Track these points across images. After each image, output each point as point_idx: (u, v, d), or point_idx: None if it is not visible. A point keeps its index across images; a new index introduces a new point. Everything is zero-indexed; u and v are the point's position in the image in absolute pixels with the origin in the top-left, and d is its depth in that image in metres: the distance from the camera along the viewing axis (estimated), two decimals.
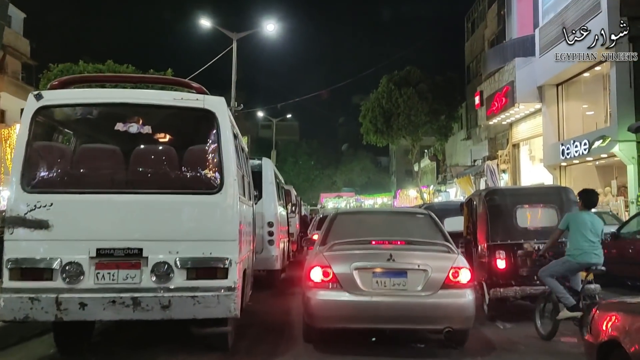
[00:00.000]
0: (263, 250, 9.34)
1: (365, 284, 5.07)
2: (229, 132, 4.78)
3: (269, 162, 9.97)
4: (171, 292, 4.48)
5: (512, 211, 7.09)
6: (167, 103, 4.78)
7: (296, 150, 59.09)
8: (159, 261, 4.50)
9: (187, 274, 4.54)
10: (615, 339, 3.24)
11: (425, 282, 5.05)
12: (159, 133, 4.99)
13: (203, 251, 4.56)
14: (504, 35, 25.99)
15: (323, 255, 5.32)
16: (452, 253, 5.36)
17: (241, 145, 6.52)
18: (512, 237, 6.91)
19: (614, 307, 3.59)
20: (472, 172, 28.62)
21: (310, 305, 5.19)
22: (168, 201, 4.63)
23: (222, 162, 4.66)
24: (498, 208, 7.14)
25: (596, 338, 3.52)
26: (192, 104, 4.72)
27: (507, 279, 6.78)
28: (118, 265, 4.48)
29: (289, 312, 7.46)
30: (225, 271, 4.58)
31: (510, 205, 7.14)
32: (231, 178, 4.68)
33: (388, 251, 5.24)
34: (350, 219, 6.76)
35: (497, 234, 6.97)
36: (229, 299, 4.55)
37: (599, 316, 3.61)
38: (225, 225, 4.66)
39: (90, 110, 4.91)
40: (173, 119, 5.03)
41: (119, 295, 4.42)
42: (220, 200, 4.65)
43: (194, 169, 4.77)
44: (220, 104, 4.83)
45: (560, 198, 7.22)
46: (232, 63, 22.61)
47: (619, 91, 15.59)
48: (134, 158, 4.78)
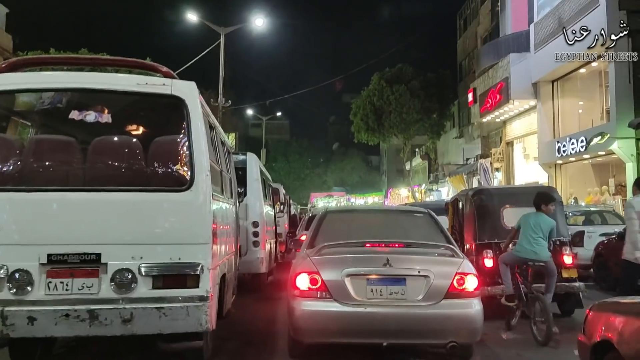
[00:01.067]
0: (247, 252, 8.74)
1: (359, 292, 4.49)
2: (201, 122, 4.16)
3: (254, 158, 9.34)
4: (134, 303, 3.87)
5: (498, 211, 7.20)
6: (129, 88, 4.13)
7: (286, 149, 58.62)
8: (120, 268, 3.89)
9: (153, 282, 3.93)
10: (609, 340, 3.22)
11: (427, 291, 4.47)
12: (120, 122, 4.36)
13: (171, 256, 3.96)
14: (497, 32, 25.57)
15: (310, 259, 4.72)
16: (457, 257, 4.78)
17: (221, 138, 5.91)
18: (499, 236, 6.96)
19: (606, 308, 3.57)
20: (464, 171, 28.24)
21: (296, 316, 4.60)
22: (131, 200, 4.00)
23: (193, 155, 4.05)
24: (485, 208, 7.27)
25: (589, 339, 3.50)
26: (157, 89, 4.09)
27: (494, 277, 6.64)
28: (72, 273, 3.87)
29: (275, 320, 6.86)
30: (197, 279, 3.97)
31: (496, 205, 7.26)
32: (203, 173, 4.07)
33: (384, 255, 4.64)
34: (342, 218, 6.14)
35: (484, 233, 7.08)
36: (200, 311, 3.94)
37: (592, 317, 3.60)
38: (196, 227, 4.05)
39: (41, 97, 4.26)
40: (136, 107, 4.39)
41: (73, 308, 3.80)
42: (190, 199, 4.03)
43: (161, 164, 4.15)
44: (190, 89, 4.20)
45: None
46: (220, 59, 21.97)
47: (617, 87, 15.16)
48: (91, 151, 4.15)
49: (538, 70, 19.22)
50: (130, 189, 4.03)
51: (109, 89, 4.17)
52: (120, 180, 4.08)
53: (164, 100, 4.16)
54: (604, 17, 14.99)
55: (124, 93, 4.14)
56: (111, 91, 4.17)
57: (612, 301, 3.80)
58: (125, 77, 4.21)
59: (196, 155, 4.06)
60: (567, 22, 16.78)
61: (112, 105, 4.25)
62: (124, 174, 4.13)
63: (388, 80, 31.08)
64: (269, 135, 53.18)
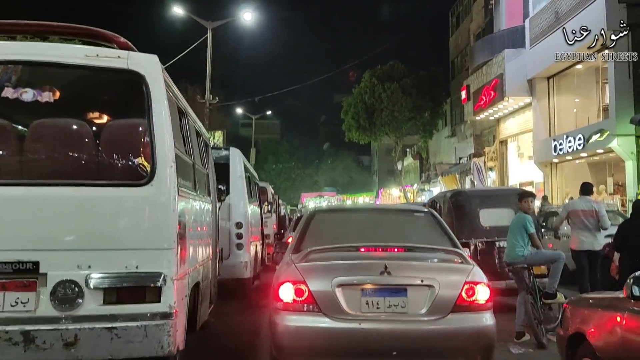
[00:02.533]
0: (230, 255, 8.06)
1: (352, 305, 3.84)
2: (164, 103, 3.47)
3: (237, 153, 8.64)
4: (79, 322, 3.19)
5: (475, 211, 7.69)
6: (76, 61, 3.41)
7: (277, 149, 58.01)
8: (63, 279, 3.21)
9: (103, 296, 3.26)
10: (581, 332, 3.52)
11: (432, 303, 3.83)
12: (66, 103, 3.65)
13: (126, 264, 3.28)
14: (491, 28, 25.11)
15: (295, 266, 4.05)
16: (466, 263, 4.13)
17: (196, 128, 5.22)
18: (475, 235, 7.46)
19: (580, 303, 4.01)
20: (457, 170, 27.77)
21: (278, 333, 3.93)
22: (77, 196, 3.31)
23: (154, 143, 3.36)
24: (463, 209, 7.83)
25: (565, 331, 3.82)
26: (110, 62, 3.39)
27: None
28: (3, 286, 3.18)
29: (258, 332, 6.18)
30: (157, 291, 3.30)
31: (473, 206, 7.77)
32: (167, 165, 3.39)
33: (381, 261, 3.98)
34: (332, 218, 5.43)
35: (462, 232, 7.31)
36: (161, 331, 3.27)
37: (568, 311, 3.92)
38: (157, 229, 3.36)
39: None
40: (85, 84, 3.67)
41: (4, 329, 3.11)
42: (150, 194, 3.34)
43: (115, 153, 3.46)
44: (151, 64, 3.50)
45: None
46: (209, 55, 21.21)
47: (617, 82, 14.67)
48: (29, 136, 3.45)
49: (533, 67, 18.74)
50: (76, 183, 3.34)
51: (51, 62, 3.44)
52: (64, 173, 3.38)
53: (119, 76, 3.46)
54: (602, 11, 14.49)
55: (70, 66, 3.41)
56: (53, 64, 3.43)
57: (586, 296, 4.18)
58: (72, 47, 3.48)
59: (158, 142, 3.38)
60: (565, 16, 16.29)
61: (55, 81, 3.55)
62: (69, 165, 3.43)
63: (380, 78, 30.52)
64: (259, 135, 52.52)
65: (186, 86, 27.91)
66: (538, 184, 20.41)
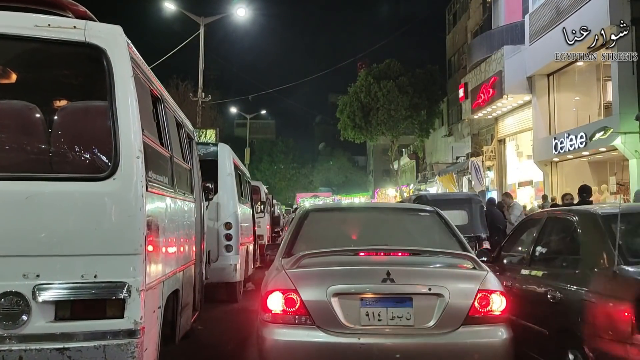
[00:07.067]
0: (218, 257, 7.56)
1: (350, 317, 3.35)
2: (130, 83, 2.93)
3: (226, 149, 8.12)
4: (25, 342, 2.68)
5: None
6: (23, 32, 2.86)
7: (272, 149, 57.60)
8: (5, 291, 2.70)
9: (55, 311, 2.75)
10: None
11: (441, 314, 3.35)
12: (12, 82, 3.13)
13: (83, 273, 2.77)
14: (488, 25, 24.69)
15: (286, 273, 3.56)
16: (479, 269, 3.64)
17: (176, 117, 4.70)
18: None
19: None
20: (455, 170, 27.34)
21: (266, 349, 3.44)
22: (24, 192, 2.79)
23: (117, 129, 2.84)
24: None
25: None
26: (65, 34, 2.86)
27: None
28: None
29: (247, 341, 5.64)
30: (120, 304, 2.79)
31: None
32: (132, 155, 2.87)
33: (383, 267, 3.49)
34: (328, 218, 4.89)
35: None
36: (124, 352, 2.76)
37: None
38: (120, 230, 2.85)
39: None
40: (35, 59, 3.13)
41: None
42: (111, 190, 2.83)
43: (69, 141, 2.93)
44: (114, 36, 2.96)
45: (470, 203, 9.51)
46: (201, 52, 20.67)
47: (620, 78, 14.25)
48: None
49: (533, 64, 18.33)
50: (24, 177, 2.82)
51: None
52: (9, 165, 2.86)
53: (75, 50, 2.92)
54: (605, 6, 14.07)
55: (17, 38, 2.87)
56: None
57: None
58: (18, 15, 2.93)
59: (122, 129, 2.86)
60: (566, 11, 15.88)
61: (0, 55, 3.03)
62: (15, 155, 2.91)
63: (376, 77, 30.12)
64: (254, 135, 52.11)
65: (177, 83, 27.39)
66: (537, 183, 20.01)
